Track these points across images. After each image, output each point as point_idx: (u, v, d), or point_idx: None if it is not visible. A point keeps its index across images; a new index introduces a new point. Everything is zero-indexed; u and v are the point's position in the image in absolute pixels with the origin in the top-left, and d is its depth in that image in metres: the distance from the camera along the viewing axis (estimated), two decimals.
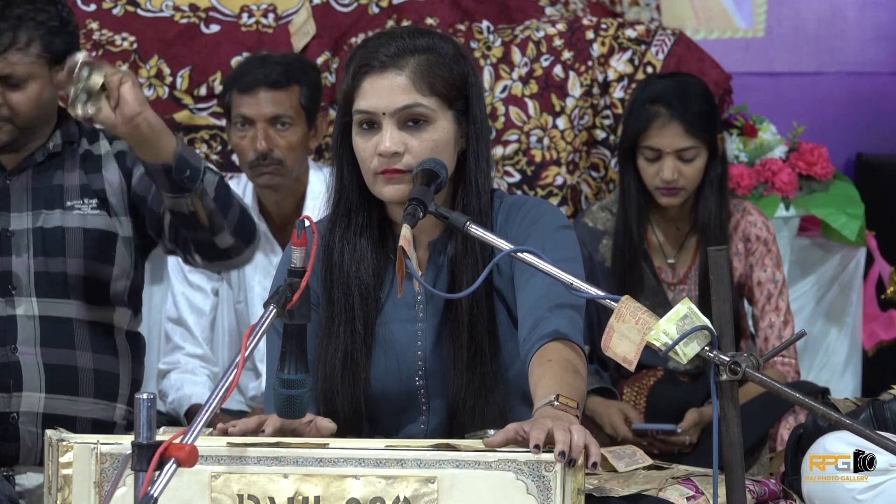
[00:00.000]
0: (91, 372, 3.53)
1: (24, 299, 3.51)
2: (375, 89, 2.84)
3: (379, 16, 4.98)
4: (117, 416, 3.58)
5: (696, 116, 4.29)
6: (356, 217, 2.92)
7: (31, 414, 3.48)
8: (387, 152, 2.81)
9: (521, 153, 4.85)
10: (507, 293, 2.89)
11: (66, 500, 2.46)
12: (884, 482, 3.23)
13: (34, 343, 3.49)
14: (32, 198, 3.55)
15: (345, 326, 2.89)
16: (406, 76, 2.84)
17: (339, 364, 2.87)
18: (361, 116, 2.85)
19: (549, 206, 2.99)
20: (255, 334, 2.38)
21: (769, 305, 4.40)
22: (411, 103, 2.84)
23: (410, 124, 2.84)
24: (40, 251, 3.51)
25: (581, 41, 4.90)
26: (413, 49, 2.87)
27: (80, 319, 3.53)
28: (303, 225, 2.50)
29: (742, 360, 2.40)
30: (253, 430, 2.65)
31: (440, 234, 2.93)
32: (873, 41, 6.09)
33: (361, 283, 2.90)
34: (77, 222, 3.53)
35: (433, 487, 2.43)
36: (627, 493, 2.68)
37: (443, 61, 2.88)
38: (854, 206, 4.98)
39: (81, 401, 3.52)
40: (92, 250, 3.53)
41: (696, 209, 4.37)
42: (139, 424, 2.17)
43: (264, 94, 4.27)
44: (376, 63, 2.85)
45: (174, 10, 4.93)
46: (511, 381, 2.87)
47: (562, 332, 2.72)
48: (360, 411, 2.88)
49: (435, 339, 2.90)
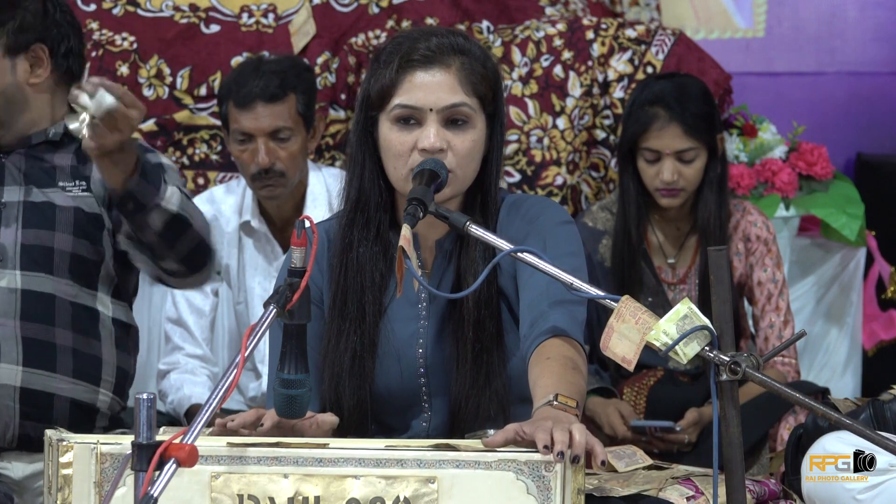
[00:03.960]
0: (69, 350, 3.53)
1: (7, 271, 3.52)
2: (423, 84, 2.81)
3: (379, 16, 4.98)
4: (101, 403, 3.58)
5: (695, 117, 4.29)
6: (375, 218, 2.89)
7: (9, 387, 3.48)
8: (433, 148, 2.78)
9: (521, 153, 4.85)
10: (510, 291, 2.89)
11: (66, 500, 2.46)
12: (884, 482, 3.23)
13: (14, 315, 3.50)
14: (25, 175, 3.57)
15: (355, 327, 2.88)
16: (453, 74, 2.82)
17: (348, 365, 2.87)
18: (402, 111, 2.82)
19: (549, 203, 2.99)
20: (255, 334, 2.39)
21: (769, 305, 4.40)
22: (458, 102, 2.82)
23: (452, 123, 2.82)
24: (31, 223, 3.54)
25: (581, 41, 4.90)
26: (454, 47, 2.84)
27: (62, 297, 3.54)
28: (303, 225, 2.50)
29: (742, 360, 2.40)
30: (252, 422, 2.64)
31: (446, 233, 2.92)
32: (873, 41, 6.09)
33: (374, 284, 2.89)
34: (68, 202, 3.56)
35: (433, 487, 2.43)
36: (627, 493, 2.68)
37: (481, 63, 2.87)
38: (854, 206, 4.98)
39: (59, 378, 3.51)
40: (82, 229, 3.55)
41: (695, 209, 4.37)
42: (139, 424, 2.17)
43: (262, 108, 4.26)
44: (420, 57, 2.81)
45: (174, 10, 4.93)
46: (511, 377, 2.87)
47: (560, 329, 2.71)
48: (366, 411, 2.88)
49: (436, 337, 2.90)
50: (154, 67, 4.86)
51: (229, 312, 4.57)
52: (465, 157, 2.82)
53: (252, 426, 2.64)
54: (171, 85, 4.85)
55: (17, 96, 3.59)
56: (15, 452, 3.53)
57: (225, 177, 4.82)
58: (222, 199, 4.51)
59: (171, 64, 4.87)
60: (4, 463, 3.54)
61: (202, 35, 4.91)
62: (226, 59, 4.85)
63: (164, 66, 4.86)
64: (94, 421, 3.58)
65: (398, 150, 2.82)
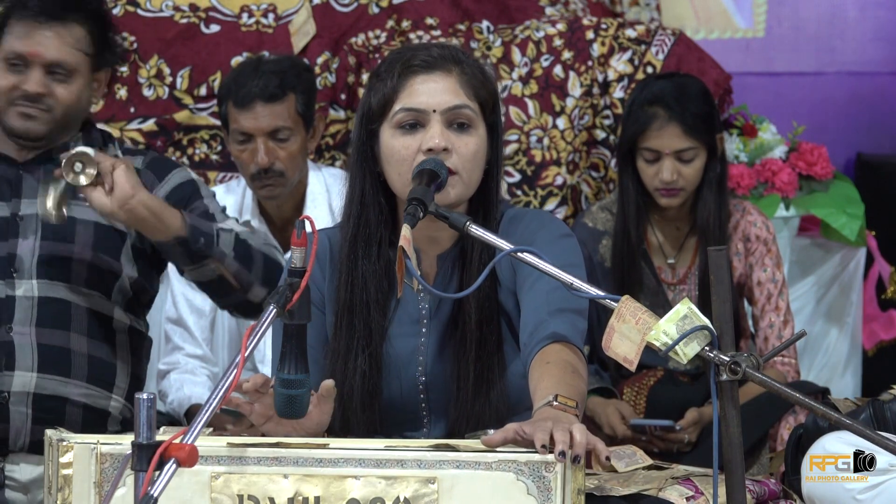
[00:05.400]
0: (84, 356, 3.53)
1: (24, 281, 3.52)
2: (425, 88, 2.82)
3: (379, 16, 4.98)
4: (113, 408, 3.58)
5: (694, 117, 4.29)
6: (376, 234, 2.89)
7: (22, 394, 3.48)
8: (437, 147, 2.78)
9: (521, 153, 4.85)
10: (510, 307, 2.88)
11: (66, 500, 2.46)
12: (884, 482, 3.23)
13: (29, 323, 3.50)
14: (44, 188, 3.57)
15: (363, 347, 2.87)
16: (455, 78, 2.84)
17: (359, 384, 2.86)
18: (406, 115, 2.82)
19: (548, 217, 2.99)
20: (255, 334, 2.39)
21: (769, 305, 4.40)
22: (461, 104, 2.82)
23: (455, 127, 2.82)
24: (49, 236, 3.53)
25: (581, 41, 4.90)
26: (453, 57, 2.86)
27: (78, 304, 3.54)
28: (303, 225, 2.50)
29: (742, 360, 2.40)
30: (263, 383, 2.63)
31: (449, 247, 2.92)
32: (873, 41, 6.09)
33: (379, 301, 2.89)
34: (89, 216, 3.55)
35: (433, 488, 2.43)
36: (627, 492, 2.68)
37: (479, 71, 2.89)
38: (854, 206, 4.98)
39: (73, 383, 3.52)
40: (101, 243, 3.55)
41: (695, 209, 4.36)
42: (139, 424, 2.17)
43: (261, 108, 4.26)
44: (421, 62, 2.83)
45: (174, 10, 4.93)
46: (508, 391, 2.87)
47: (560, 334, 2.72)
48: (374, 428, 2.88)
49: (436, 354, 2.90)
50: (154, 67, 4.86)
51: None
52: (469, 159, 2.81)
53: (265, 385, 2.63)
54: (171, 85, 4.85)
55: (81, 115, 3.59)
56: (24, 454, 3.53)
57: (225, 177, 4.82)
58: (222, 198, 4.50)
59: (171, 64, 4.87)
60: (12, 465, 3.54)
61: (202, 35, 4.91)
62: (226, 59, 4.85)
63: (164, 66, 4.86)
64: (105, 425, 3.57)
65: (402, 154, 2.81)
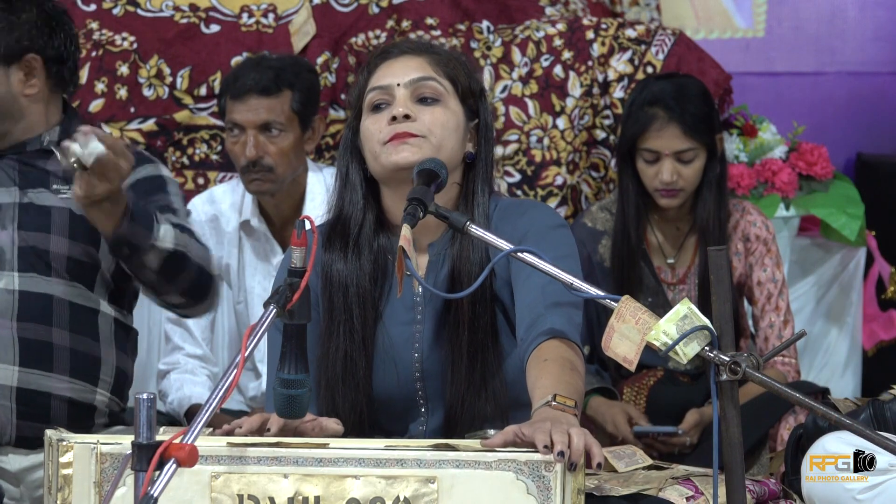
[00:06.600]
0: (67, 350, 3.54)
1: (5, 273, 3.53)
2: (391, 69, 2.90)
3: (379, 16, 4.98)
4: (98, 402, 3.58)
5: (694, 118, 4.28)
6: (357, 222, 2.92)
7: (6, 387, 3.49)
8: (399, 115, 2.83)
9: (521, 153, 4.85)
10: (505, 297, 2.88)
11: (66, 500, 2.46)
12: (884, 482, 3.23)
13: (11, 316, 3.51)
14: (20, 178, 3.58)
15: (344, 331, 2.89)
16: (423, 59, 2.91)
17: (340, 369, 2.87)
18: (374, 95, 2.88)
19: (542, 207, 3.00)
20: (255, 334, 2.38)
21: (769, 305, 4.40)
22: (426, 76, 2.89)
23: (423, 101, 2.87)
24: (27, 225, 3.55)
25: (581, 41, 4.90)
26: (427, 46, 2.95)
27: (60, 297, 3.54)
28: (303, 225, 2.50)
29: (742, 360, 2.40)
30: (258, 428, 2.65)
31: (440, 236, 2.93)
32: (873, 41, 6.09)
33: (360, 288, 2.90)
34: (64, 204, 3.56)
35: (433, 487, 2.43)
36: (627, 492, 2.68)
37: (456, 59, 2.96)
38: (854, 206, 4.98)
39: (56, 377, 3.52)
40: (78, 232, 3.55)
41: (695, 209, 4.36)
42: (139, 424, 2.17)
43: (255, 100, 4.27)
44: (393, 49, 2.93)
45: (174, 10, 4.93)
46: (507, 381, 2.87)
47: (558, 330, 2.72)
48: (362, 415, 2.88)
49: (432, 341, 2.90)
50: (154, 67, 4.86)
51: (229, 312, 4.57)
52: (437, 125, 2.86)
53: (259, 433, 2.64)
54: (171, 85, 4.85)
55: (12, 106, 3.59)
56: (10, 448, 3.54)
57: (225, 177, 4.82)
58: (222, 198, 4.51)
59: (171, 64, 4.87)
60: (1, 456, 3.55)
61: (202, 35, 4.91)
62: (226, 59, 4.85)
63: (164, 66, 4.86)
64: (92, 418, 3.58)
65: (370, 131, 2.88)
